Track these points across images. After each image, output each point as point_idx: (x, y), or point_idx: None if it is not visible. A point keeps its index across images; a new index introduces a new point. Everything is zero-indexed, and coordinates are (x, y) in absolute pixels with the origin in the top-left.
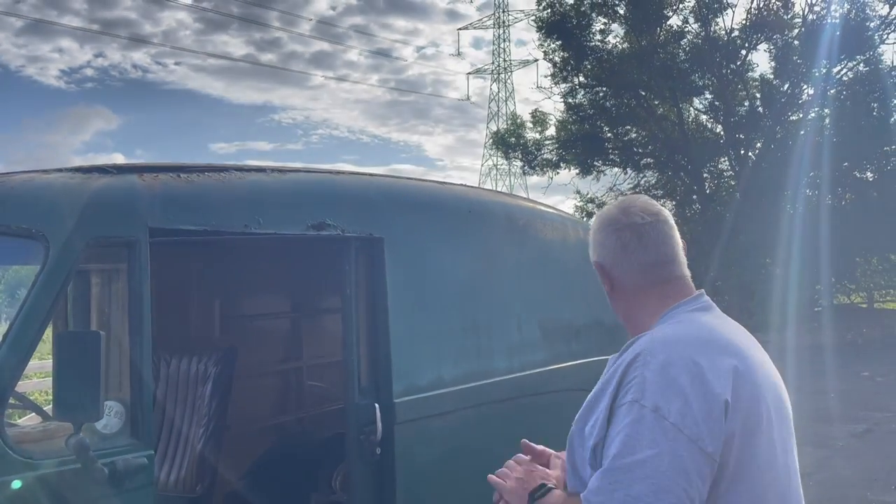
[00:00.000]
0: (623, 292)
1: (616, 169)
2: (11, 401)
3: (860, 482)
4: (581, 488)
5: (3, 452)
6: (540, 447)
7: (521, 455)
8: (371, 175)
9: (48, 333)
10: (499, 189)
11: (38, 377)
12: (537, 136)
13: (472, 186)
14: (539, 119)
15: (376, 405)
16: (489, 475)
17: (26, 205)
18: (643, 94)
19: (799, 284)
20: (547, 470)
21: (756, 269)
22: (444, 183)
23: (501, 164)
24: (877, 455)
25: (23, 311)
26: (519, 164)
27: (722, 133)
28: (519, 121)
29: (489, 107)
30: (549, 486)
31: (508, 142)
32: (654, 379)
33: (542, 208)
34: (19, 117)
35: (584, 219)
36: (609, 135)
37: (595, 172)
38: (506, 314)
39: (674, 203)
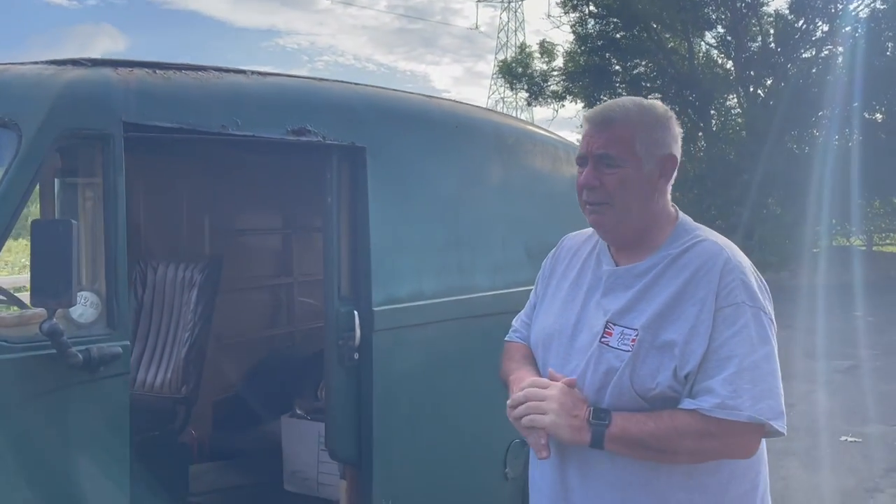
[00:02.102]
0: (666, 194)
1: None
2: None
3: (839, 414)
4: (632, 405)
5: None
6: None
7: (536, 379)
8: (356, 84)
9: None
10: None
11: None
12: (544, 66)
13: (461, 102)
14: (547, 49)
15: (355, 312)
16: (526, 418)
17: (1, 94)
18: (654, 26)
19: (799, 225)
20: (576, 392)
21: (757, 209)
22: (432, 97)
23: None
24: (858, 390)
25: None
26: (524, 95)
27: (732, 69)
28: (527, 50)
29: (498, 37)
30: (604, 407)
31: (515, 71)
32: (751, 281)
33: (534, 129)
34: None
35: None
36: (617, 68)
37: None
38: (490, 232)
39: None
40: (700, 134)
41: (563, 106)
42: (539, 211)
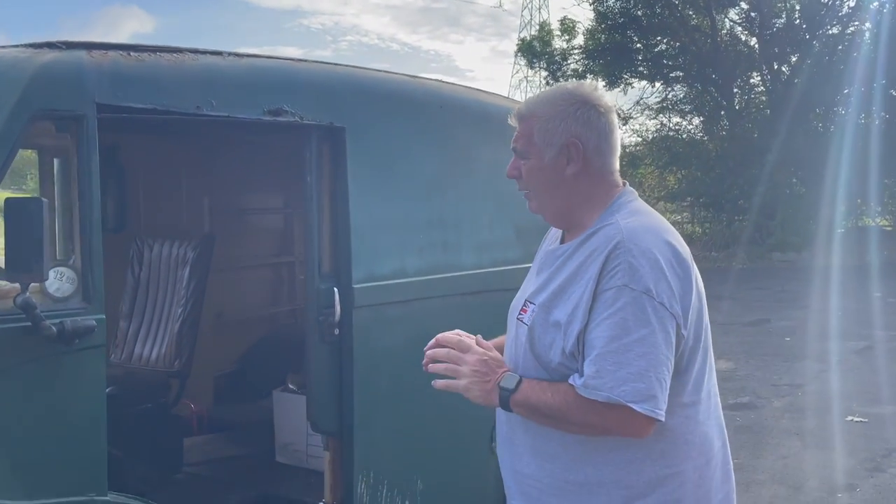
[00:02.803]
0: (589, 176)
1: (643, 82)
2: None
3: (850, 394)
4: (544, 375)
5: None
6: (459, 335)
7: (458, 339)
8: (335, 64)
9: None
10: None
11: None
12: (564, 44)
13: (446, 82)
14: (567, 27)
15: (335, 289)
16: (435, 382)
17: None
18: (676, 2)
19: (823, 205)
20: (497, 355)
21: (780, 189)
22: (416, 77)
23: (532, 77)
24: (871, 371)
25: None
26: (544, 74)
27: (756, 46)
28: (548, 28)
29: (522, 15)
30: (515, 373)
31: (535, 50)
32: (640, 264)
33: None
34: (56, 16)
35: None
36: (638, 45)
37: (622, 85)
38: (476, 212)
39: (701, 119)
40: (722, 113)
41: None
42: None
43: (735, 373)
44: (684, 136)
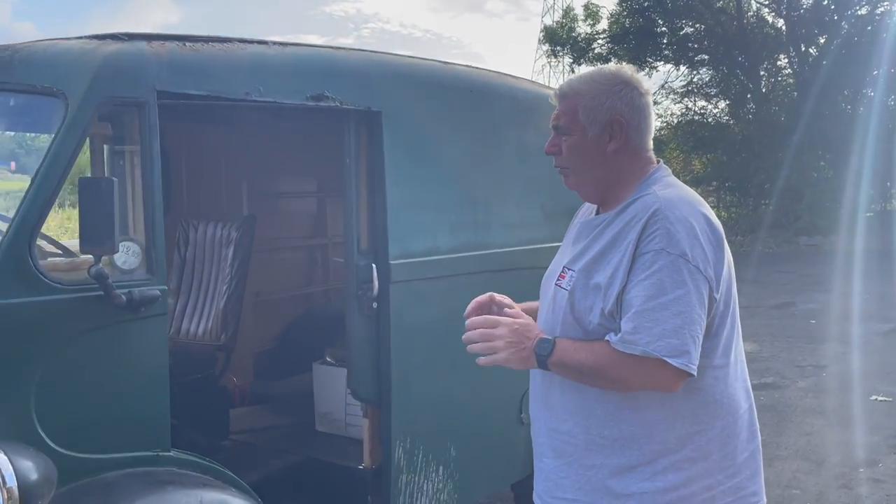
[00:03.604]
0: (628, 153)
1: (669, 65)
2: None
3: (872, 375)
4: (582, 335)
5: (38, 278)
6: (497, 298)
7: (487, 318)
8: (371, 52)
9: None
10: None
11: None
12: (588, 29)
13: (475, 67)
14: (592, 12)
15: (373, 265)
16: (478, 360)
17: (48, 66)
18: None
19: (850, 188)
20: (525, 319)
21: (807, 172)
22: (447, 63)
23: (555, 62)
24: (895, 352)
25: (46, 159)
26: (568, 59)
27: (783, 28)
28: (572, 14)
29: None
30: (548, 337)
31: (559, 37)
32: (677, 230)
33: (551, 92)
34: (85, 6)
35: None
36: (663, 29)
37: (647, 69)
38: (506, 192)
39: (727, 102)
40: (749, 96)
41: None
42: (555, 171)
43: (759, 354)
44: (710, 119)
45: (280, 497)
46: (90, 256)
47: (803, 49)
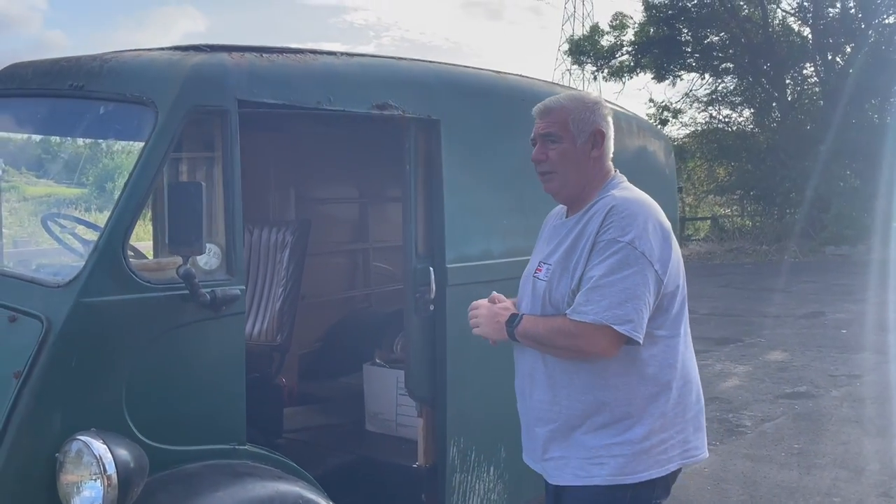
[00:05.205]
0: (601, 161)
1: (693, 74)
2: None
3: None
4: (554, 312)
5: (129, 277)
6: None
7: (475, 302)
8: (430, 62)
9: None
10: None
11: None
12: (613, 39)
13: (527, 77)
14: (619, 23)
15: (431, 268)
16: (474, 331)
17: (137, 76)
18: None
19: (879, 197)
20: (506, 303)
21: (834, 182)
22: (500, 72)
23: (575, 70)
24: None
25: (137, 165)
26: (592, 68)
27: (809, 36)
28: (598, 29)
29: (565, 7)
30: (518, 313)
31: (583, 49)
32: (628, 223)
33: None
34: (113, 16)
35: (658, 126)
36: (688, 38)
37: (671, 77)
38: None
39: (752, 111)
40: (774, 104)
41: (632, 78)
42: None
43: (791, 363)
44: (734, 128)
45: (337, 493)
46: (176, 258)
47: (830, 57)
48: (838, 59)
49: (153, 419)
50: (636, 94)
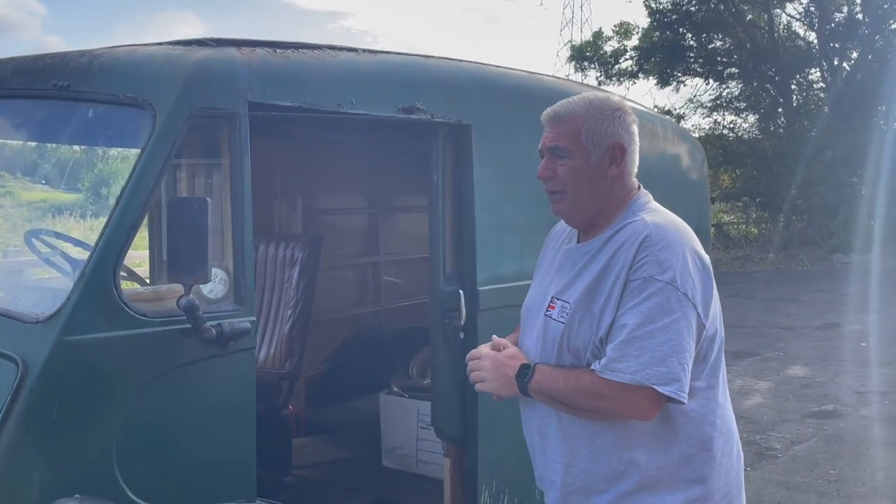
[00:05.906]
0: (621, 178)
1: (697, 79)
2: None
3: None
4: (574, 361)
5: (120, 310)
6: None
7: (475, 351)
8: (461, 60)
9: None
10: None
11: None
12: (615, 44)
13: (560, 78)
14: (624, 30)
15: (461, 292)
16: (476, 387)
17: (132, 74)
18: None
19: (887, 206)
20: (511, 350)
21: (841, 188)
22: (533, 73)
23: (574, 75)
24: None
25: (132, 177)
26: (594, 74)
27: (815, 42)
28: (601, 36)
29: (563, 12)
30: (530, 363)
31: (585, 54)
32: (666, 257)
33: (634, 106)
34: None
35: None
36: (692, 43)
37: (675, 83)
38: None
39: (757, 116)
40: (780, 110)
41: (635, 83)
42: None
43: (813, 379)
44: (739, 134)
45: None
46: (176, 286)
47: (836, 63)
48: (845, 65)
49: (149, 477)
50: (639, 100)
